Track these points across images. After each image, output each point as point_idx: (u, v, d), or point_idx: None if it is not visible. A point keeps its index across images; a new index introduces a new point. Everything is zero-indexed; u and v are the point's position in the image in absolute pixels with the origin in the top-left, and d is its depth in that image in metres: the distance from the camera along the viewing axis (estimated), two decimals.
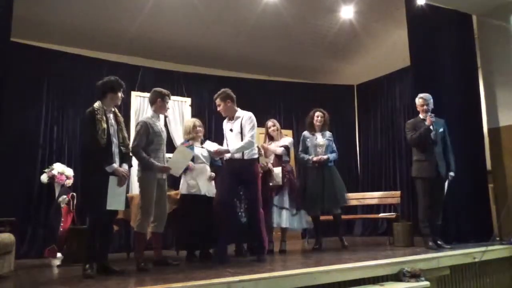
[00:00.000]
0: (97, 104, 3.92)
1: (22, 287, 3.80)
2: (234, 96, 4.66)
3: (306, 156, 5.65)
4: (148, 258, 4.38)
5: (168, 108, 4.64)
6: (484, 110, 6.18)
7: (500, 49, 6.03)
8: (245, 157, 4.50)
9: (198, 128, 5.12)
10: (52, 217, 5.63)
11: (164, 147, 4.46)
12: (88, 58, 6.71)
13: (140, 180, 4.28)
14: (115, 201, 3.83)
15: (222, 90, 4.62)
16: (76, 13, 6.16)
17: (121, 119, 4.12)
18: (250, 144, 4.49)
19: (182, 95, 7.46)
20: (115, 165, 3.86)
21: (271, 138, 5.71)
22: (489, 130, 6.13)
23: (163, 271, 3.93)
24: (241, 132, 4.53)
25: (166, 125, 7.20)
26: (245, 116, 4.58)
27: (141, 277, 3.69)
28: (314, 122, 5.75)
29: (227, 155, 4.57)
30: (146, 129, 4.26)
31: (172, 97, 7.35)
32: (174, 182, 6.86)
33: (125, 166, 3.99)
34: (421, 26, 5.87)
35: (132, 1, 6.12)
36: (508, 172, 5.82)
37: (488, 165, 6.09)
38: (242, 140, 4.49)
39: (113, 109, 4.06)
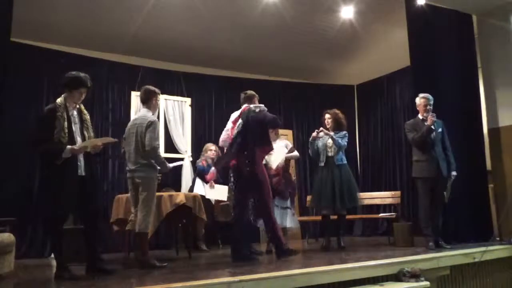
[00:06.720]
0: (59, 100, 3.69)
1: (22, 287, 3.80)
2: None
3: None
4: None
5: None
6: (484, 110, 6.18)
7: (500, 49, 6.02)
8: None
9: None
10: None
11: None
12: (88, 58, 6.70)
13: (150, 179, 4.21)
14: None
15: None
16: (76, 13, 6.14)
17: (87, 116, 3.85)
18: None
19: (182, 95, 7.45)
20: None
21: None
22: (489, 130, 6.12)
23: (163, 271, 3.93)
24: None
25: (166, 125, 7.20)
26: None
27: (141, 277, 3.69)
28: (325, 123, 5.73)
29: None
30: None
31: (172, 97, 7.46)
32: (175, 182, 6.87)
33: None
34: (421, 26, 5.86)
35: (132, 1, 6.11)
36: (508, 172, 5.81)
37: (488, 165, 6.08)
38: None
39: (77, 106, 3.79)
